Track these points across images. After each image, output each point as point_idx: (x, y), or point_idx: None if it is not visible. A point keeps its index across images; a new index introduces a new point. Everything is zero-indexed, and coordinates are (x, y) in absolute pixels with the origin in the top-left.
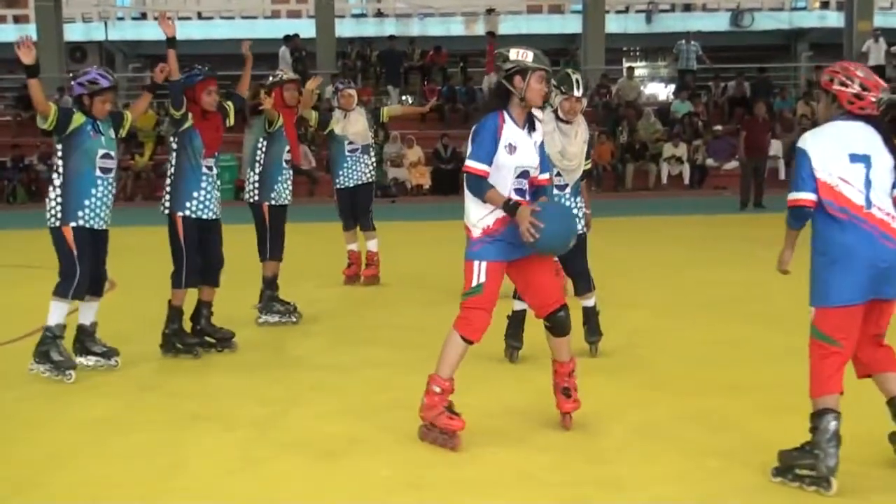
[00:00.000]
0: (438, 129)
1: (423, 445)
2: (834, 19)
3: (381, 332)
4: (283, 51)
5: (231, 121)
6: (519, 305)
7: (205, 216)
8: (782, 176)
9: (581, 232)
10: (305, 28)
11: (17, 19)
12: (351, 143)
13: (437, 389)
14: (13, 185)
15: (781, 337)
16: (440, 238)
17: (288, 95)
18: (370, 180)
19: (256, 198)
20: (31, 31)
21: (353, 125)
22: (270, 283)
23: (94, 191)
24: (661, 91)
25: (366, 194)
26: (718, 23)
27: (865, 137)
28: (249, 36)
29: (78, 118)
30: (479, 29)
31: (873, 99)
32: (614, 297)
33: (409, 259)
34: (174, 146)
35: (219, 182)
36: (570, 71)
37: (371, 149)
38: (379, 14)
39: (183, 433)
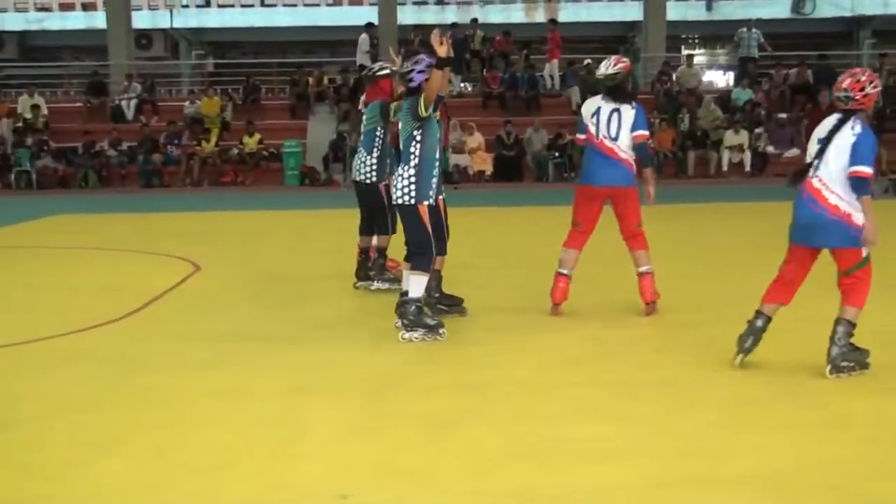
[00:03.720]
0: (500, 116)
1: (529, 418)
2: None
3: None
4: (363, 38)
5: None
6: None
7: (435, 203)
8: None
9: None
10: (367, 16)
11: (85, 7)
12: None
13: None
14: (85, 170)
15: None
16: (507, 222)
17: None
18: None
19: (374, 179)
20: (99, 18)
21: None
22: (382, 253)
23: (436, 171)
24: (720, 79)
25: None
26: (779, 10)
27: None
28: (312, 23)
29: None
30: (539, 16)
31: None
32: (694, 281)
33: (493, 240)
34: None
35: None
36: None
37: None
38: (440, 2)
39: (299, 403)
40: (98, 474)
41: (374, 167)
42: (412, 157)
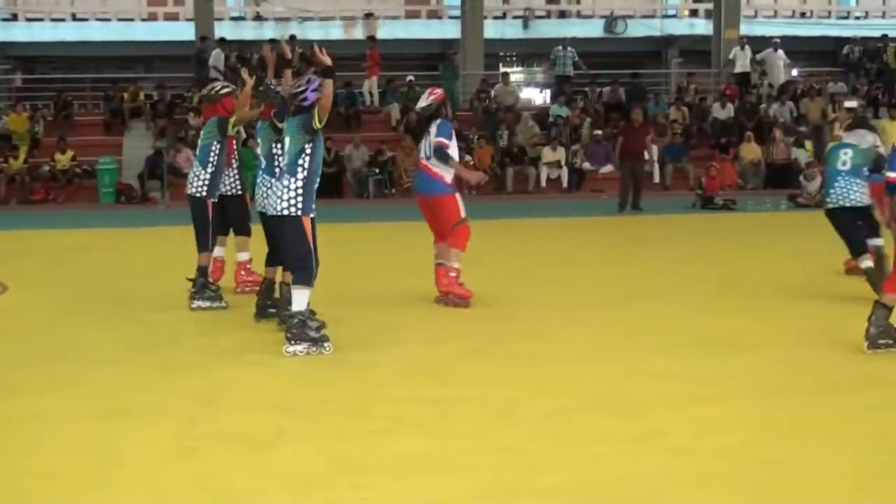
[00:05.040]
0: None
1: (350, 436)
2: (702, 27)
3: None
4: (217, 54)
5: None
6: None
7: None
8: (657, 179)
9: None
10: (183, 31)
11: None
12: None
13: None
14: None
15: (677, 329)
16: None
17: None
18: None
19: (204, 194)
20: None
21: None
22: (203, 272)
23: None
24: (537, 96)
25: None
26: (593, 29)
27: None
28: (127, 38)
29: None
30: (358, 33)
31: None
32: (512, 294)
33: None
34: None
35: None
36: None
37: None
38: (258, 17)
39: (115, 426)
40: None
41: (207, 182)
42: (300, 169)
